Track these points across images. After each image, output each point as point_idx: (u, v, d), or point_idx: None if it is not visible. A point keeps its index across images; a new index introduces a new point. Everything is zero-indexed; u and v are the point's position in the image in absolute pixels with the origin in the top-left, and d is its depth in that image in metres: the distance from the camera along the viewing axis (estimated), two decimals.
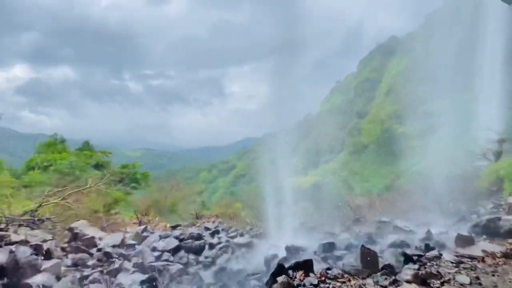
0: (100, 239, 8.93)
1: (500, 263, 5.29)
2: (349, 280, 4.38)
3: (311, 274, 4.32)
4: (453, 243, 6.53)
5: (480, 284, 4.63)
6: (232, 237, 10.15)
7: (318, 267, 5.22)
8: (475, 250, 5.87)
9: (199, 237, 10.26)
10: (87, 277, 6.68)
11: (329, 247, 6.86)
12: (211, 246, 9.55)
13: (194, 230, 11.11)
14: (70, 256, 7.46)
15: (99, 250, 8.13)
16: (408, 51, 37.50)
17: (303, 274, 4.26)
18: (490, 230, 6.65)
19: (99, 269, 7.09)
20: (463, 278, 4.69)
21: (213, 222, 14.07)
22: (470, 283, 4.63)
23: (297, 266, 4.28)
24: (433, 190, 11.16)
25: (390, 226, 9.52)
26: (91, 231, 9.12)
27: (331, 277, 4.40)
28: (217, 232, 11.10)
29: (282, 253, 6.99)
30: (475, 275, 4.87)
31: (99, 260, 7.61)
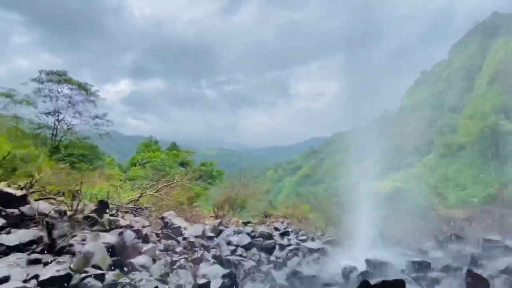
0: (185, 228, 10.07)
1: None
2: None
3: None
4: None
5: None
6: (303, 241, 9.96)
7: None
8: None
9: (269, 236, 10.44)
10: (175, 262, 7.61)
11: (422, 266, 5.95)
12: (281, 247, 9.58)
13: (264, 229, 11.38)
14: (163, 241, 8.63)
15: (184, 238, 9.16)
16: None
17: None
18: None
19: (185, 256, 7.97)
20: None
21: (282, 222, 14.13)
22: None
23: (385, 285, 3.84)
24: None
25: (501, 246, 7.69)
26: (178, 221, 10.38)
27: None
28: (286, 233, 11.10)
29: (361, 266, 6.43)
30: None
31: (184, 248, 8.57)
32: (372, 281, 3.98)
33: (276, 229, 11.62)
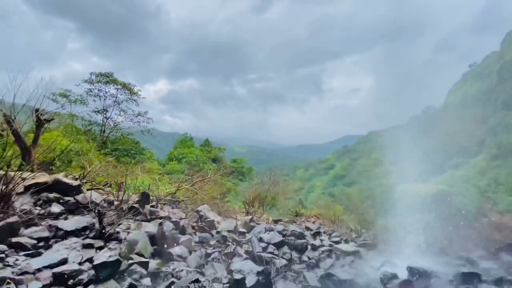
0: (218, 222, 10.39)
1: None
2: None
3: None
4: None
5: None
6: (336, 242, 9.67)
7: None
8: None
9: (301, 235, 10.32)
10: (209, 254, 7.89)
11: (472, 278, 5.44)
12: (314, 248, 9.41)
13: (295, 228, 11.29)
14: (198, 234, 9.00)
15: (217, 232, 9.45)
16: None
17: None
18: None
19: (218, 249, 8.23)
20: None
21: (313, 222, 13.87)
22: None
23: None
24: None
25: None
26: (211, 215, 10.73)
27: None
28: (318, 233, 10.87)
29: (402, 274, 6.05)
30: None
31: (218, 241, 8.85)
32: None
33: (308, 228, 11.44)
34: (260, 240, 9.85)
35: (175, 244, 7.52)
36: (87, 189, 8.59)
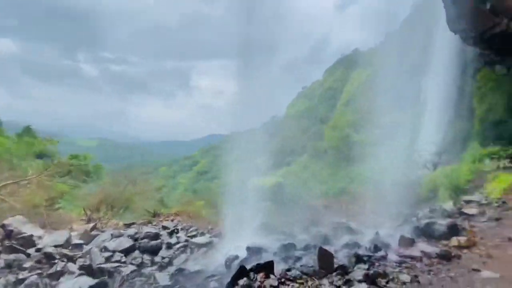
0: (39, 238, 7.97)
1: (434, 262, 5.99)
2: (307, 281, 4.55)
3: (271, 276, 4.40)
4: (397, 244, 7.23)
5: (418, 282, 5.19)
6: (192, 237, 9.86)
7: (278, 267, 5.35)
8: (415, 251, 6.56)
9: (156, 236, 9.77)
10: (23, 280, 5.92)
11: (289, 247, 7.07)
12: (169, 246, 9.16)
13: (151, 229, 10.56)
14: (3, 256, 6.54)
15: (38, 250, 7.27)
16: (368, 65, 40.56)
17: (264, 276, 4.31)
18: (428, 232, 7.50)
19: (38, 271, 6.34)
20: (405, 277, 5.22)
21: (172, 220, 13.53)
22: (410, 281, 5.16)
23: (258, 268, 4.32)
24: (382, 195, 12.26)
25: (344, 227, 10.16)
26: (28, 229, 8.09)
27: (291, 278, 4.53)
28: (176, 231, 10.70)
29: (243, 254, 6.99)
30: (414, 274, 5.45)
31: (38, 261, 6.80)
32: (248, 266, 4.43)
33: (165, 227, 11.00)
34: (104, 249, 8.47)
35: None
36: None
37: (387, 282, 4.94)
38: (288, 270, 4.86)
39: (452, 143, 19.78)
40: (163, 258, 8.39)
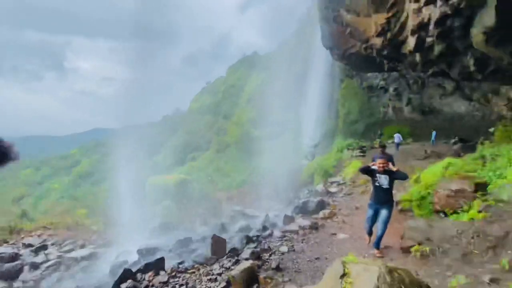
0: None
1: (307, 233, 7.37)
2: (198, 270, 4.73)
3: (161, 272, 4.33)
4: (282, 222, 8.46)
5: (294, 250, 6.28)
6: (67, 251, 8.31)
7: (172, 263, 5.28)
8: (294, 226, 7.87)
9: (13, 257, 7.72)
10: None
11: (186, 242, 7.08)
12: (34, 267, 7.42)
13: (6, 249, 8.23)
14: None
15: None
16: (264, 69, 44.61)
17: (152, 274, 4.20)
18: (304, 209, 9.11)
19: None
20: (283, 248, 6.20)
21: (39, 236, 10.94)
22: (288, 251, 6.18)
23: (147, 268, 4.16)
24: (274, 182, 13.96)
25: (241, 214, 11.00)
26: None
27: (182, 270, 4.59)
28: (44, 247, 8.76)
29: (134, 258, 6.50)
30: (291, 244, 6.54)
31: None
32: (136, 268, 4.20)
33: (29, 245, 8.81)
34: None
35: None
36: None
37: (270, 255, 5.74)
38: (181, 263, 4.90)
39: (324, 137, 24.66)
40: (24, 282, 6.74)
